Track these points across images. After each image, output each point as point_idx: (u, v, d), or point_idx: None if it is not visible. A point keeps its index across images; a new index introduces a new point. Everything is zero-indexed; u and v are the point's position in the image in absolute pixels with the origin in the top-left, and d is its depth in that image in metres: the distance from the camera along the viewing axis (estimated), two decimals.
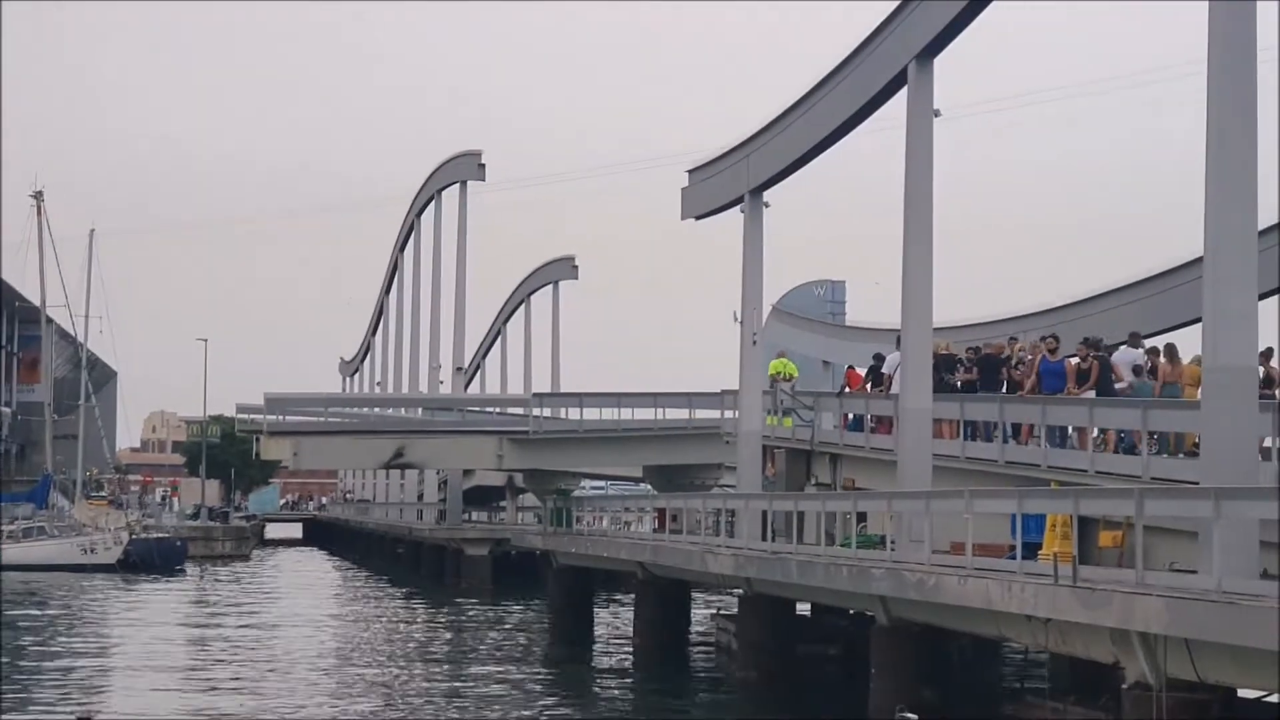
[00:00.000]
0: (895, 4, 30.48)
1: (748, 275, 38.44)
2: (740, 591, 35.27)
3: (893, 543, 27.73)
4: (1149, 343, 30.29)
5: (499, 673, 38.55)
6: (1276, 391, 25.79)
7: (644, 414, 62.86)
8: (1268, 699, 18.88)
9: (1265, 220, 28.50)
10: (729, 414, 43.44)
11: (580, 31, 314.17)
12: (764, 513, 34.16)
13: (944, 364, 32.46)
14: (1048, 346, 30.59)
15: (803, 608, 36.48)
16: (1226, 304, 20.26)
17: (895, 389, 32.57)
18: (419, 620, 55.41)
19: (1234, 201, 20.37)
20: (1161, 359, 28.13)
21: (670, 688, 36.06)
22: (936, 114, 29.72)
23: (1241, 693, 19.05)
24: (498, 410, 74.45)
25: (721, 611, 45.70)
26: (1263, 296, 21.90)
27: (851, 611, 34.01)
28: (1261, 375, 23.45)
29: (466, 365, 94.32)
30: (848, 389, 39.11)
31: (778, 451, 38.77)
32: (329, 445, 66.79)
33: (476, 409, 75.35)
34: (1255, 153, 20.39)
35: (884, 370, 36.00)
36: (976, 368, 32.76)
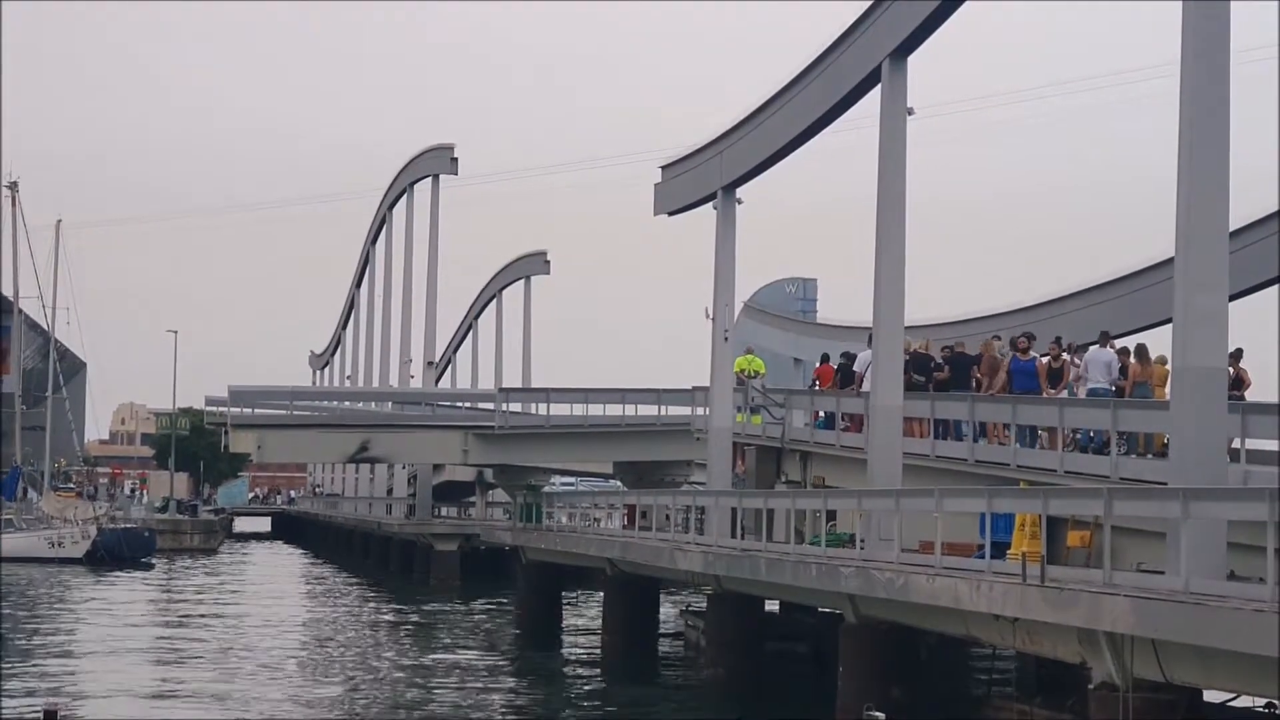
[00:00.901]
0: (869, 2, 30.46)
1: (719, 271, 38.41)
2: (709, 589, 35.22)
3: (862, 541, 27.73)
4: (1119, 343, 30.29)
5: (467, 668, 38.47)
6: (1245, 393, 25.89)
7: (616, 410, 62.73)
8: (1233, 701, 18.90)
9: (1236, 221, 28.63)
10: (699, 411, 43.41)
11: (553, 27, 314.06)
12: (733, 510, 34.14)
13: (918, 363, 32.45)
14: (1019, 346, 30.61)
15: (771, 605, 36.46)
16: (1196, 304, 20.27)
17: (867, 387, 32.56)
18: (386, 615, 55.26)
19: (1205, 202, 20.37)
20: (1131, 359, 28.16)
21: (638, 684, 36.00)
22: (910, 112, 29.71)
23: (1207, 694, 19.08)
24: (468, 405, 74.21)
25: (690, 609, 45.69)
26: (1233, 298, 21.89)
27: (820, 610, 34.01)
28: (1231, 376, 23.47)
29: (437, 359, 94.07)
30: (818, 383, 39.12)
31: (748, 449, 38.76)
32: (293, 438, 66.46)
33: (448, 404, 75.11)
34: (1227, 154, 20.39)
35: (855, 368, 35.99)
36: (949, 366, 32.79)
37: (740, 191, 38.01)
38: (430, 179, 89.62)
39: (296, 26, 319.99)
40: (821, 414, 37.27)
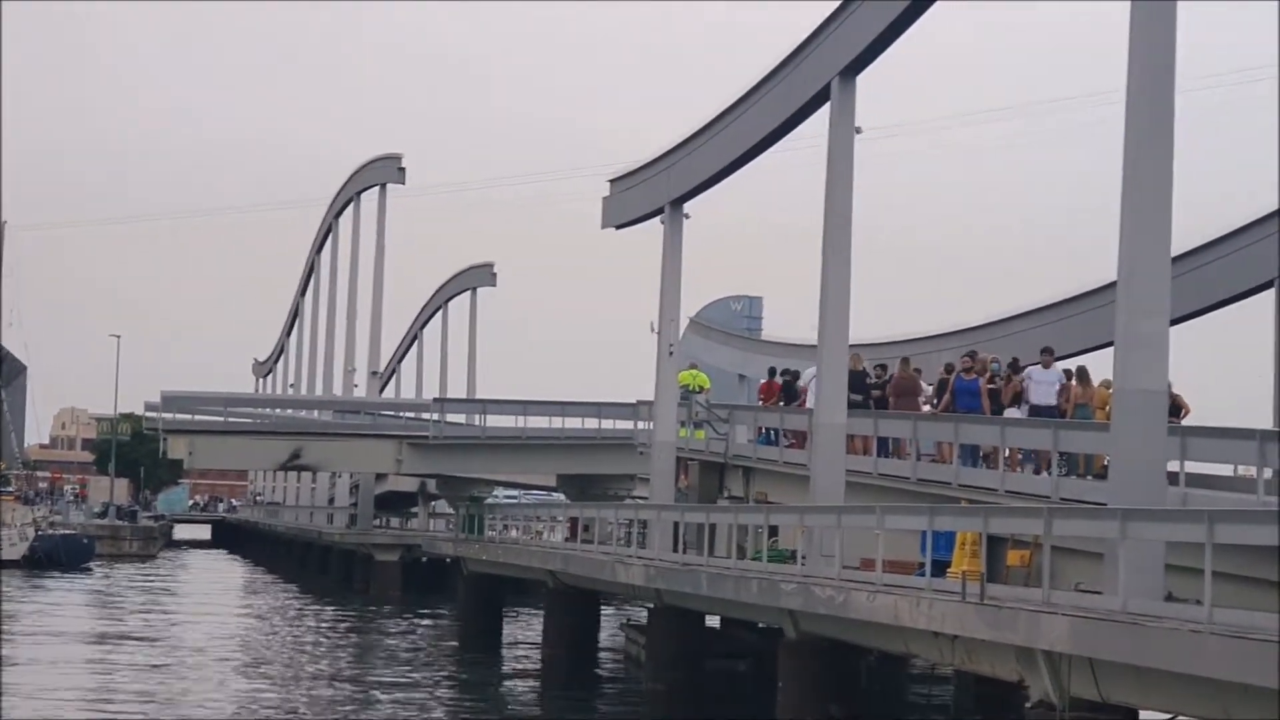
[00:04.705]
0: (820, 21, 30.63)
1: (666, 286, 38.49)
2: (650, 603, 35.25)
3: (803, 557, 27.80)
4: (1060, 365, 30.47)
5: (405, 680, 38.34)
6: (1183, 419, 26.09)
7: (557, 423, 62.68)
8: None
9: (1179, 247, 28.92)
10: (643, 425, 43.44)
11: (504, 38, 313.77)
12: (676, 524, 34.17)
13: (852, 380, 32.45)
14: (963, 365, 30.79)
15: (713, 620, 36.51)
16: (1137, 328, 20.45)
17: (810, 403, 32.65)
18: (325, 626, 55.01)
19: (1147, 227, 20.56)
20: (1073, 381, 28.37)
21: (578, 697, 35.97)
22: (858, 131, 29.87)
23: (1144, 715, 19.22)
24: (410, 415, 74.03)
25: (631, 622, 45.70)
26: (1174, 322, 22.12)
27: (761, 625, 34.07)
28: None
29: (381, 370, 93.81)
30: (761, 399, 39.23)
31: (691, 463, 38.80)
32: (225, 444, 66.16)
33: (389, 413, 74.90)
34: (1170, 179, 20.59)
35: (800, 384, 36.12)
36: (884, 388, 32.91)
37: (688, 207, 38.12)
38: (377, 188, 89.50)
39: (246, 33, 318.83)
40: (765, 430, 37.38)
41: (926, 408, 31.75)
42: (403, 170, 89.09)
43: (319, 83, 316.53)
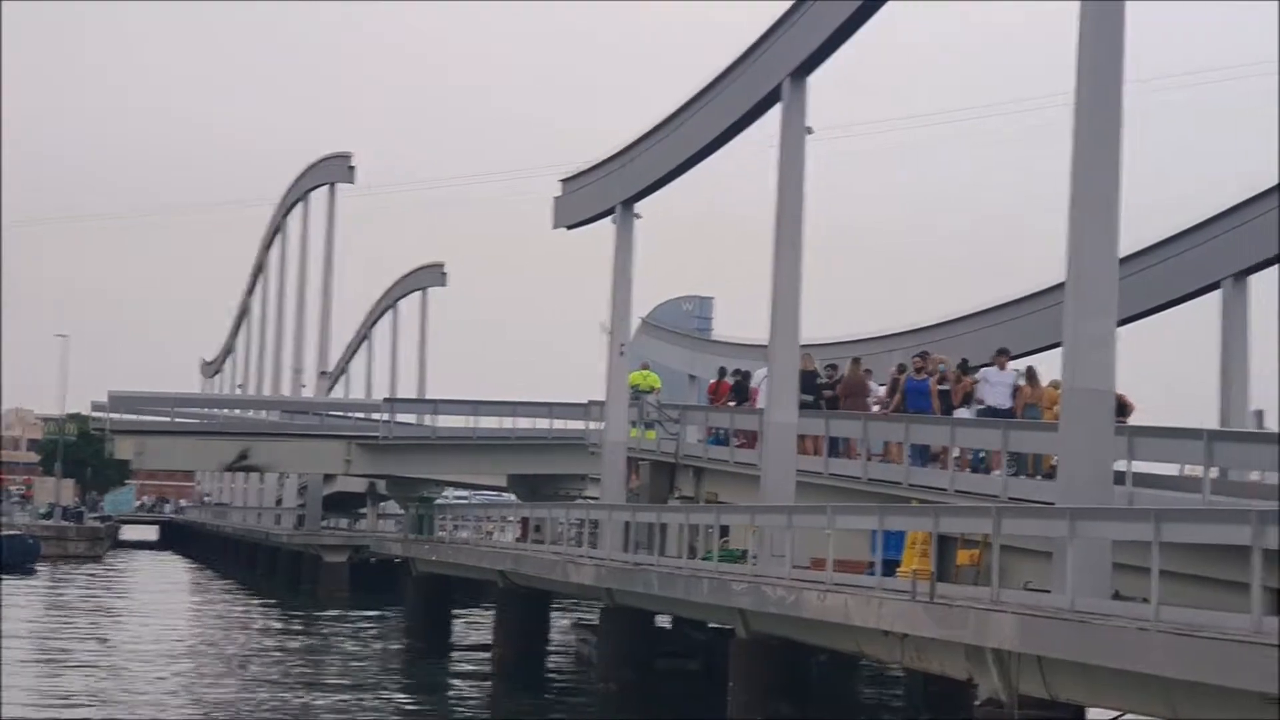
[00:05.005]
0: (772, 21, 30.73)
1: (617, 286, 38.51)
2: (601, 603, 35.27)
3: (754, 557, 27.87)
4: (1014, 365, 30.60)
5: (353, 680, 38.24)
6: (1129, 419, 26.27)
7: (508, 423, 62.62)
8: (1118, 719, 19.19)
9: (1126, 248, 29.11)
10: (594, 425, 43.44)
11: (454, 38, 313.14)
12: (627, 524, 34.20)
13: (803, 381, 32.59)
14: (914, 365, 30.93)
15: (664, 620, 36.57)
16: (1085, 328, 20.57)
17: (761, 403, 32.74)
18: (273, 627, 54.77)
19: (1095, 228, 20.70)
20: (1022, 381, 28.53)
21: (528, 698, 35.95)
22: (809, 132, 29.97)
23: (1092, 712, 19.36)
24: (360, 415, 73.84)
25: (582, 622, 45.68)
26: (1122, 323, 22.26)
27: (712, 625, 34.15)
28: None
29: (331, 370, 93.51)
30: (710, 399, 39.31)
31: (642, 463, 38.85)
32: (173, 445, 65.85)
33: (338, 414, 74.67)
34: (1118, 181, 20.74)
35: (752, 384, 36.22)
36: (837, 387, 33.04)
37: (639, 207, 38.16)
38: (327, 187, 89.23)
39: (193, 29, 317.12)
40: (716, 430, 37.46)
41: (876, 408, 31.89)
42: (353, 169, 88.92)
43: (269, 81, 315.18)
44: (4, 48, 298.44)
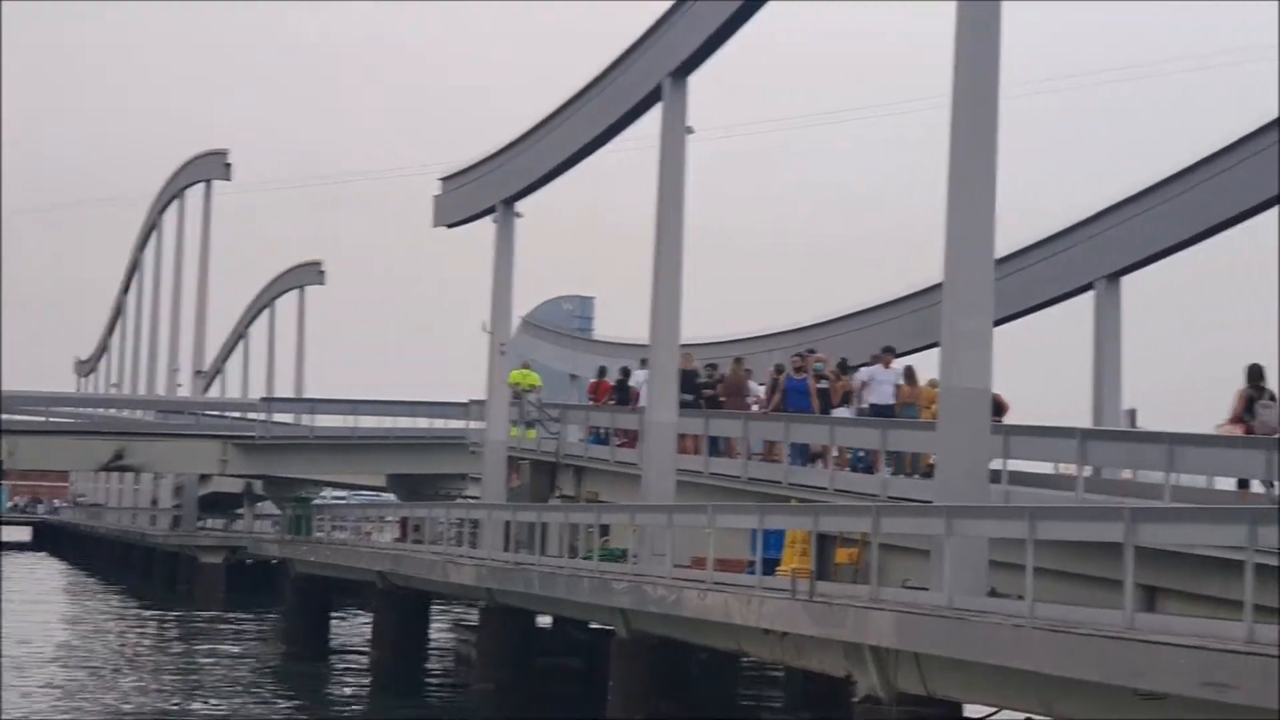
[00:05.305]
0: (653, 21, 30.77)
1: (498, 285, 38.40)
2: (482, 603, 35.12)
3: (635, 556, 27.89)
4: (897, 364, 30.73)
5: (230, 684, 37.80)
6: (1004, 418, 26.55)
7: (387, 422, 62.28)
8: (994, 715, 19.40)
9: (1004, 248, 29.46)
10: (474, 424, 43.29)
11: (333, 35, 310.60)
12: (507, 524, 34.11)
13: (683, 380, 32.62)
14: (794, 365, 31.08)
15: (544, 620, 36.50)
16: (962, 327, 20.74)
17: (644, 403, 32.76)
18: (148, 630, 54.03)
19: (972, 229, 20.89)
20: (900, 381, 28.74)
21: (407, 699, 35.73)
22: (690, 131, 30.03)
23: (968, 708, 19.55)
24: (237, 415, 73.12)
25: (462, 622, 45.50)
26: (998, 322, 22.49)
27: (593, 625, 34.13)
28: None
29: (207, 369, 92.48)
30: (591, 399, 39.31)
31: (522, 463, 38.77)
32: (46, 445, 64.92)
33: (216, 413, 73.91)
34: (994, 183, 20.93)
35: (631, 384, 36.25)
36: (718, 386, 33.14)
37: (520, 205, 38.06)
38: (203, 184, 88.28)
39: (73, 26, 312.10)
40: (597, 429, 37.45)
41: (755, 408, 32.02)
42: (229, 166, 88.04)
43: (144, 77, 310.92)
44: None
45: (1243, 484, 20.94)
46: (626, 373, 37.51)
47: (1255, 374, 20.93)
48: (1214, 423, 21.94)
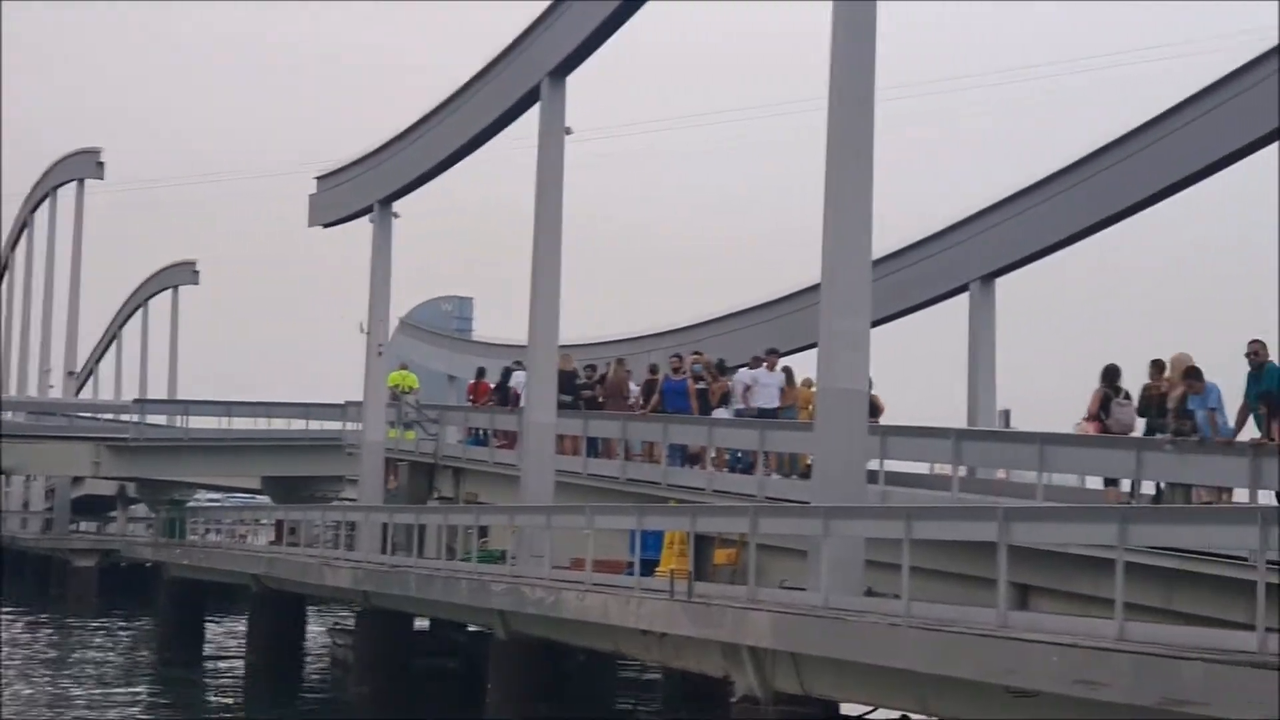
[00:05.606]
0: (531, 20, 30.69)
1: (375, 286, 38.12)
2: (358, 605, 34.84)
3: (513, 557, 27.77)
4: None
5: (102, 690, 37.20)
6: (880, 419, 26.74)
7: (263, 424, 61.65)
8: (870, 714, 19.52)
9: (881, 250, 29.66)
10: (352, 426, 42.96)
11: (211, 33, 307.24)
12: (385, 526, 33.86)
13: (561, 381, 32.53)
14: (672, 365, 31.09)
15: (423, 622, 36.28)
16: (839, 328, 20.85)
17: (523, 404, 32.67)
18: (17, 636, 53.03)
19: (849, 231, 20.99)
20: (784, 383, 28.76)
21: (281, 704, 35.37)
22: (568, 132, 29.96)
23: (845, 707, 19.64)
24: (110, 416, 72.04)
25: (338, 626, 45.13)
26: (875, 324, 22.63)
27: (471, 627, 33.98)
28: None
29: (79, 370, 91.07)
30: (470, 400, 39.14)
31: (400, 464, 38.54)
32: None
33: (89, 415, 72.76)
34: (870, 184, 21.05)
35: (511, 385, 36.13)
36: (599, 386, 33.12)
37: (398, 206, 37.81)
38: (75, 183, 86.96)
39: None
40: (475, 430, 37.29)
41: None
42: (101, 165, 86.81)
43: (15, 75, 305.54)
44: None
45: (1110, 482, 21.26)
46: (507, 373, 37.37)
47: (1111, 374, 21.29)
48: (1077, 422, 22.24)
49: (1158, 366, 20.91)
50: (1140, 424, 21.01)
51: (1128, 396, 21.00)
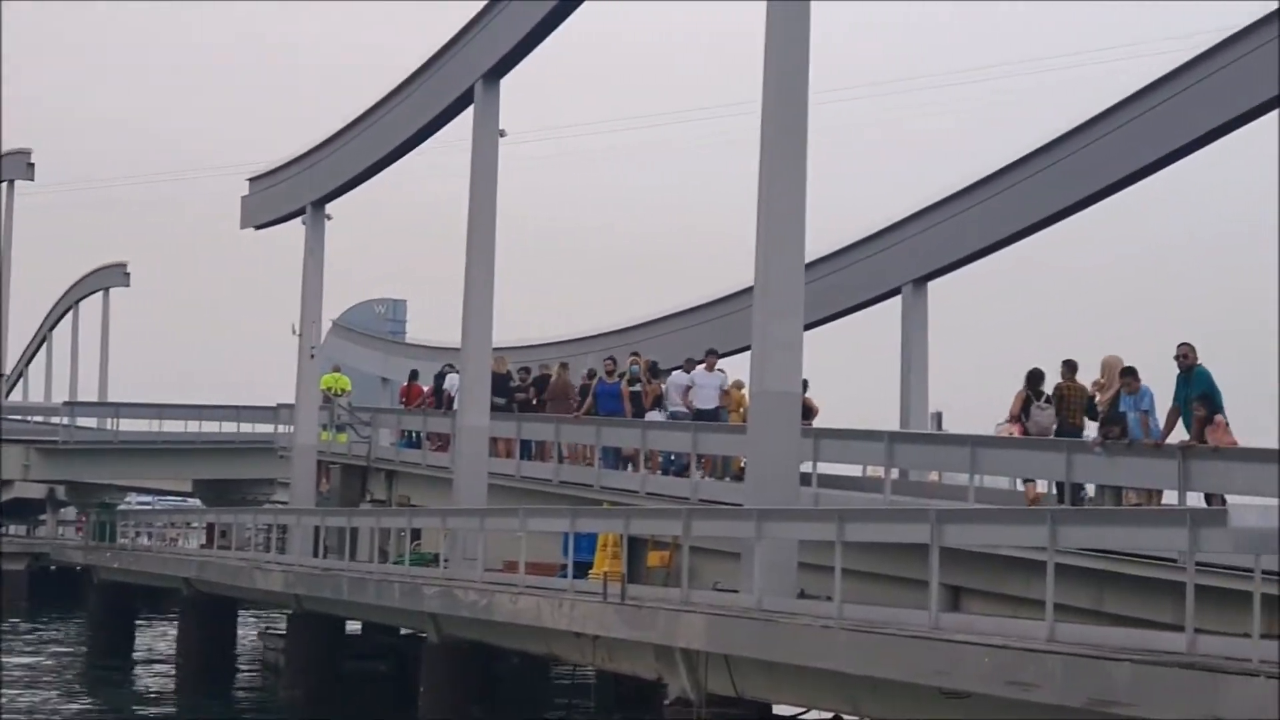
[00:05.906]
0: (465, 23, 30.62)
1: (307, 288, 37.92)
2: (290, 609, 34.62)
3: (446, 560, 27.68)
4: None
5: (29, 697, 36.78)
6: (813, 421, 26.82)
7: (194, 426, 61.20)
8: (802, 715, 19.55)
9: (815, 252, 29.76)
10: (283, 428, 42.72)
11: (144, 33, 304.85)
12: (316, 529, 33.68)
13: (495, 383, 32.46)
14: (605, 368, 31.07)
15: (355, 625, 36.08)
16: (773, 331, 20.87)
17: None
18: None
19: (782, 233, 21.01)
20: (726, 384, 28.78)
21: (213, 709, 35.06)
22: (502, 134, 29.92)
23: (777, 709, 19.67)
24: (40, 419, 71.33)
25: (270, 630, 44.82)
26: (808, 326, 22.67)
27: (404, 630, 33.84)
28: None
29: (8, 372, 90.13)
30: (403, 402, 39.02)
31: (333, 467, 38.37)
32: None
33: (18, 418, 71.99)
34: (804, 187, 21.09)
35: (445, 388, 36.02)
36: (533, 388, 33.07)
37: (331, 207, 37.63)
38: (5, 184, 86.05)
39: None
40: (408, 433, 37.15)
41: None
42: (32, 166, 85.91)
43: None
44: None
45: (1027, 480, 21.45)
46: (441, 376, 37.24)
47: (1035, 378, 21.47)
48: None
49: (1069, 367, 21.26)
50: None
51: (1048, 400, 21.18)
